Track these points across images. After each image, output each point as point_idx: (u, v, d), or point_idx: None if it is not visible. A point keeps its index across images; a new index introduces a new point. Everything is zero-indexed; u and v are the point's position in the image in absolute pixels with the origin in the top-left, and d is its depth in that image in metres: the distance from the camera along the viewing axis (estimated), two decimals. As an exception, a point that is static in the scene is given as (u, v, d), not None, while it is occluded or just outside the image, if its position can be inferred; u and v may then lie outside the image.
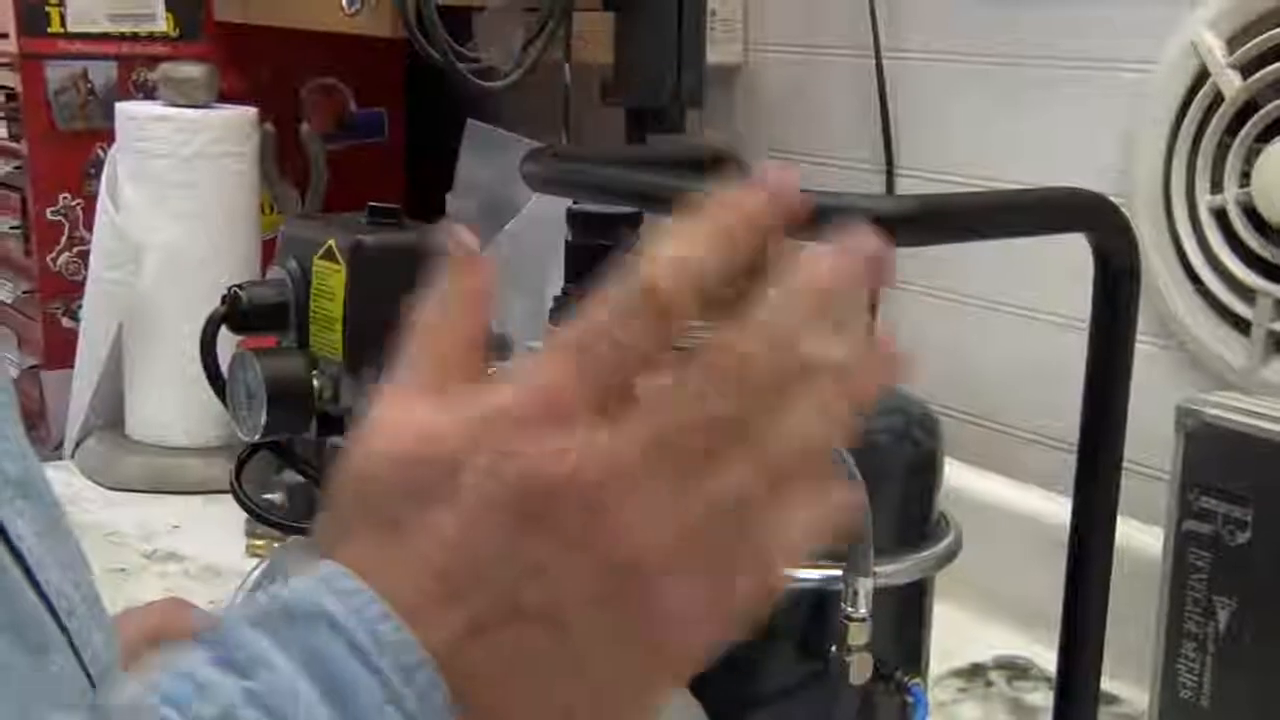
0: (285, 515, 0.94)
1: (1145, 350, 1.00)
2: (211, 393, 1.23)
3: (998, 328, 1.12)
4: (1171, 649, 0.82)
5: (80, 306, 1.35)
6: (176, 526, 1.17)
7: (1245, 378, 0.93)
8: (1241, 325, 0.94)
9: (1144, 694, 0.85)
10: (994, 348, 1.13)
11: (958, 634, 0.99)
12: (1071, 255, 0.66)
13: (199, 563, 1.10)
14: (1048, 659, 0.81)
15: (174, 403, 1.27)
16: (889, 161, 1.19)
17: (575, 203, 0.58)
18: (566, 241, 0.53)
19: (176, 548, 1.12)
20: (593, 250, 0.52)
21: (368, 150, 1.60)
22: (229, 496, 1.23)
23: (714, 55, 1.29)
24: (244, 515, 1.11)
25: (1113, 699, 0.91)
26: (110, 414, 1.31)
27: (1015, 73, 1.10)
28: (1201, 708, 0.81)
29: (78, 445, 1.31)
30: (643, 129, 1.20)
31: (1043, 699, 0.92)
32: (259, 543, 1.07)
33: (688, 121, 1.25)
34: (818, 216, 0.59)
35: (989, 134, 1.12)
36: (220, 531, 1.12)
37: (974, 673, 0.96)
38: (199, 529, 1.16)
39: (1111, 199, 0.65)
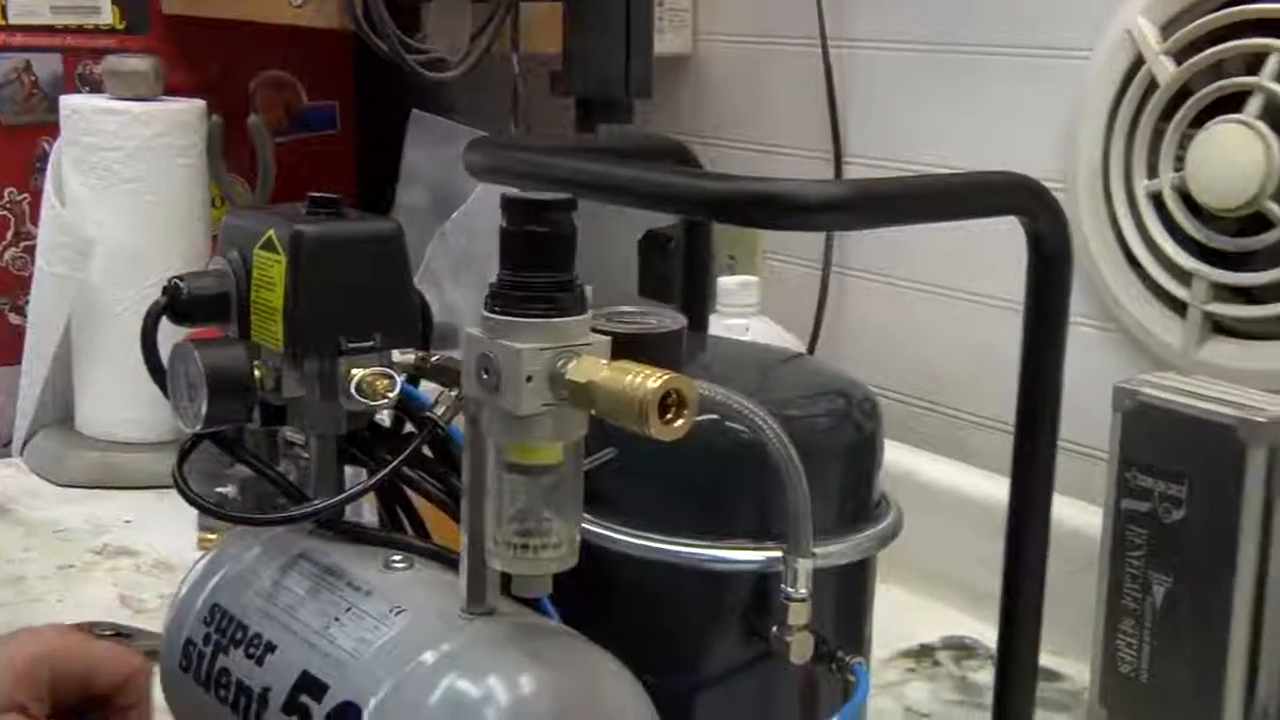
0: (236, 508, 0.95)
1: (1086, 333, 1.02)
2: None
3: (946, 313, 1.14)
4: (1111, 625, 0.84)
5: (28, 302, 1.34)
6: (128, 521, 1.16)
7: (1182, 358, 0.94)
8: (1178, 307, 0.95)
9: (1086, 670, 0.87)
10: (943, 333, 1.14)
11: (907, 616, 1.01)
12: (1018, 241, 0.67)
13: (150, 558, 1.10)
14: (994, 638, 0.82)
15: (124, 397, 1.26)
16: (836, 149, 1.20)
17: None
18: (501, 228, 0.53)
19: (128, 543, 1.12)
20: (526, 236, 0.53)
21: (318, 143, 1.60)
22: (180, 490, 1.23)
23: (663, 45, 1.30)
24: (191, 509, 1.11)
25: (1056, 675, 0.92)
26: (59, 410, 1.31)
27: (959, 61, 1.11)
28: (1140, 682, 0.83)
29: (26, 442, 1.31)
30: (592, 119, 1.20)
31: (988, 677, 0.93)
32: (211, 536, 1.07)
33: (637, 111, 1.25)
34: (757, 205, 0.60)
35: (934, 121, 1.13)
36: (172, 526, 1.12)
37: (922, 653, 0.97)
38: (150, 524, 1.16)
39: (1050, 184, 0.66)
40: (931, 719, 0.88)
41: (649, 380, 0.49)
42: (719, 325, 1.06)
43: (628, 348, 0.54)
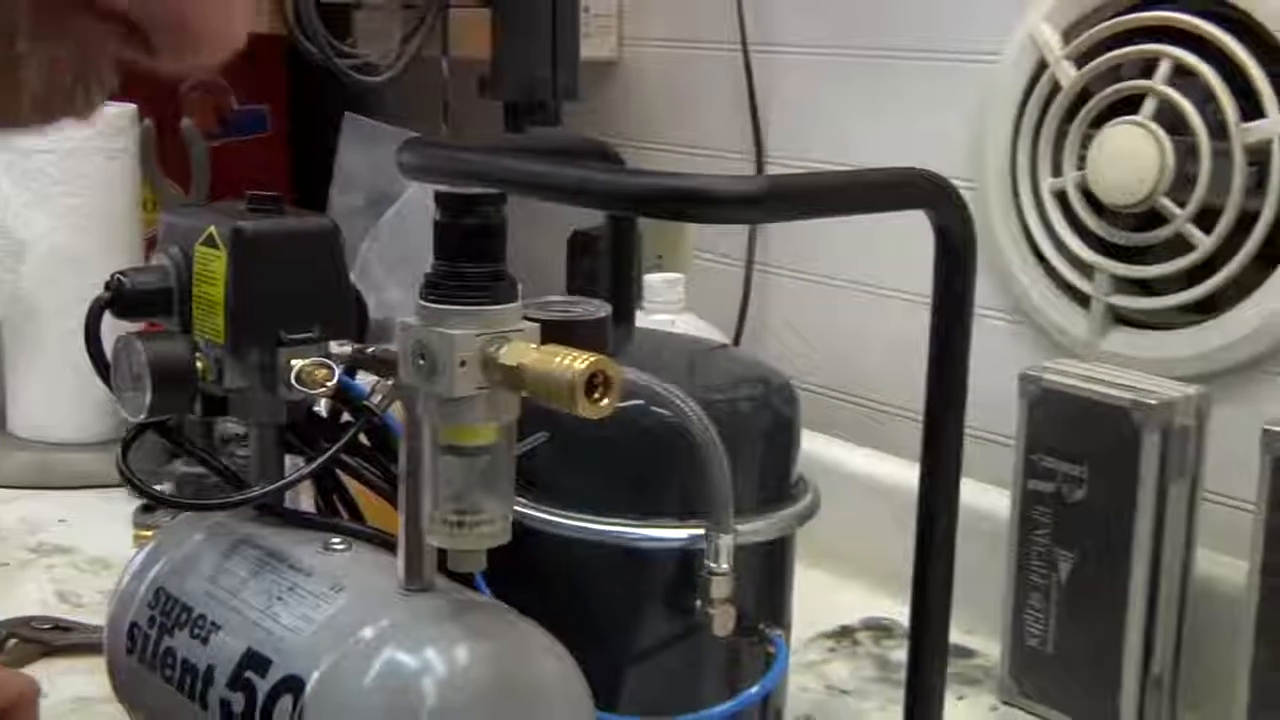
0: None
1: (997, 325, 1.07)
2: (96, 386, 1.24)
3: (863, 308, 1.18)
4: (1019, 601, 0.88)
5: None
6: (63, 520, 1.17)
7: (1087, 348, 0.99)
8: (1082, 299, 1.00)
9: (997, 647, 0.91)
10: (860, 328, 1.18)
11: (829, 599, 1.05)
12: (929, 237, 0.71)
13: (86, 555, 1.11)
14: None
15: (58, 398, 1.27)
16: (758, 150, 1.24)
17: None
18: (435, 221, 0.56)
19: (64, 541, 1.13)
20: (460, 229, 0.56)
21: (250, 146, 1.61)
22: (116, 490, 1.24)
23: (590, 50, 1.33)
24: (131, 508, 1.12)
25: (970, 653, 0.96)
26: (-8, 412, 1.31)
27: (874, 65, 1.15)
28: (1047, 654, 0.87)
29: (-41, 444, 1.31)
30: (520, 122, 1.23)
31: (905, 655, 0.98)
32: (146, 533, 1.08)
33: (564, 114, 1.28)
34: (677, 200, 0.64)
35: (851, 123, 1.17)
36: (108, 524, 1.13)
37: (843, 634, 1.01)
38: (86, 522, 1.17)
39: (960, 183, 0.70)
40: (851, 695, 0.92)
41: (576, 362, 0.52)
42: (647, 321, 1.09)
43: (556, 333, 0.57)
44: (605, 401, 0.53)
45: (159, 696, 0.67)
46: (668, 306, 1.11)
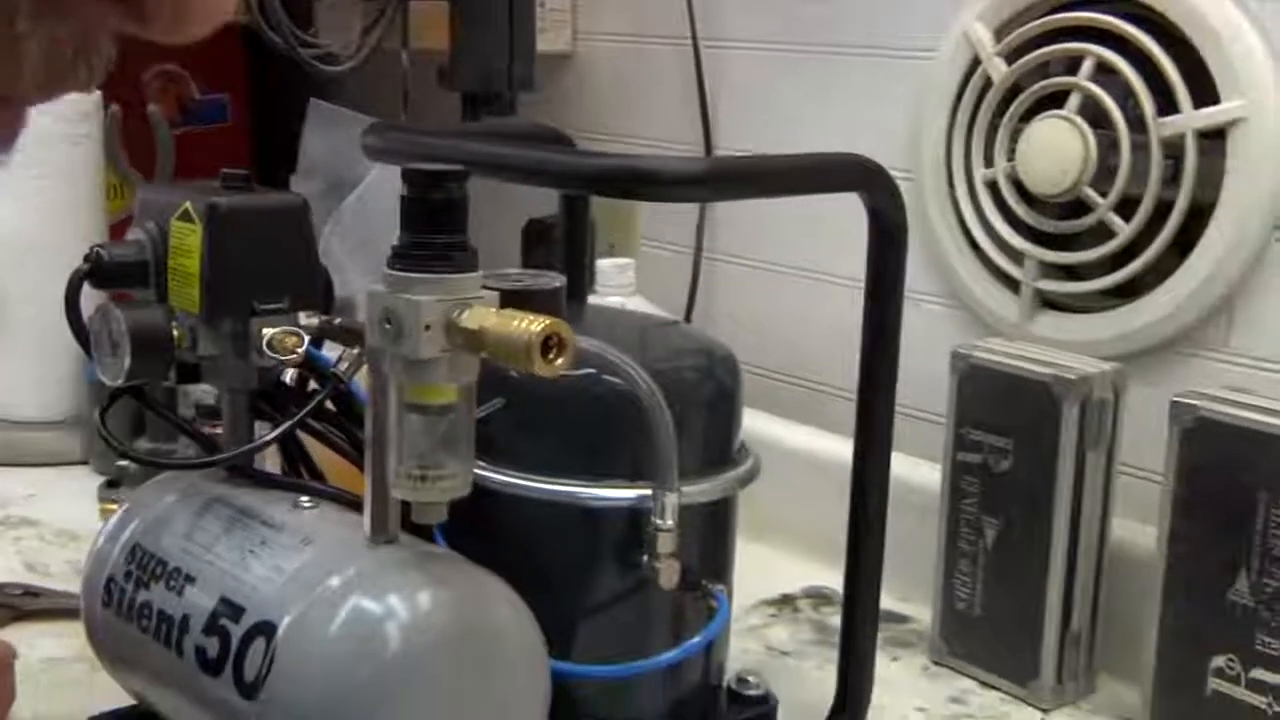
0: (138, 475, 1.00)
1: (935, 309, 1.12)
2: (61, 367, 1.27)
3: (806, 294, 1.23)
4: (949, 567, 0.94)
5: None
6: (31, 495, 1.21)
7: (1017, 330, 1.04)
8: (1012, 284, 1.05)
9: (929, 612, 0.96)
10: (803, 312, 1.23)
11: (772, 570, 1.10)
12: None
13: (54, 528, 1.14)
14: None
15: (24, 378, 1.30)
16: (707, 142, 1.29)
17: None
18: (402, 196, 0.61)
19: (30, 514, 1.16)
20: (425, 203, 0.60)
21: (212, 134, 1.64)
22: (81, 467, 1.28)
23: (546, 44, 1.37)
24: (95, 483, 1.16)
25: (904, 618, 1.02)
26: (-41, 391, 1.34)
27: (819, 60, 1.20)
28: (974, 616, 0.92)
29: (-75, 423, 1.33)
30: (477, 111, 1.27)
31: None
32: (112, 506, 1.11)
33: (519, 105, 1.32)
34: (624, 179, 0.68)
35: (797, 115, 1.22)
36: (74, 499, 1.16)
37: (784, 601, 1.06)
38: (53, 497, 1.20)
39: (899, 173, 0.75)
40: (790, 656, 0.97)
41: (533, 325, 0.57)
42: (599, 303, 1.14)
43: (514, 301, 0.62)
44: (560, 361, 0.57)
45: (135, 647, 0.71)
46: (619, 290, 1.15)
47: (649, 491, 0.71)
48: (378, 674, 0.62)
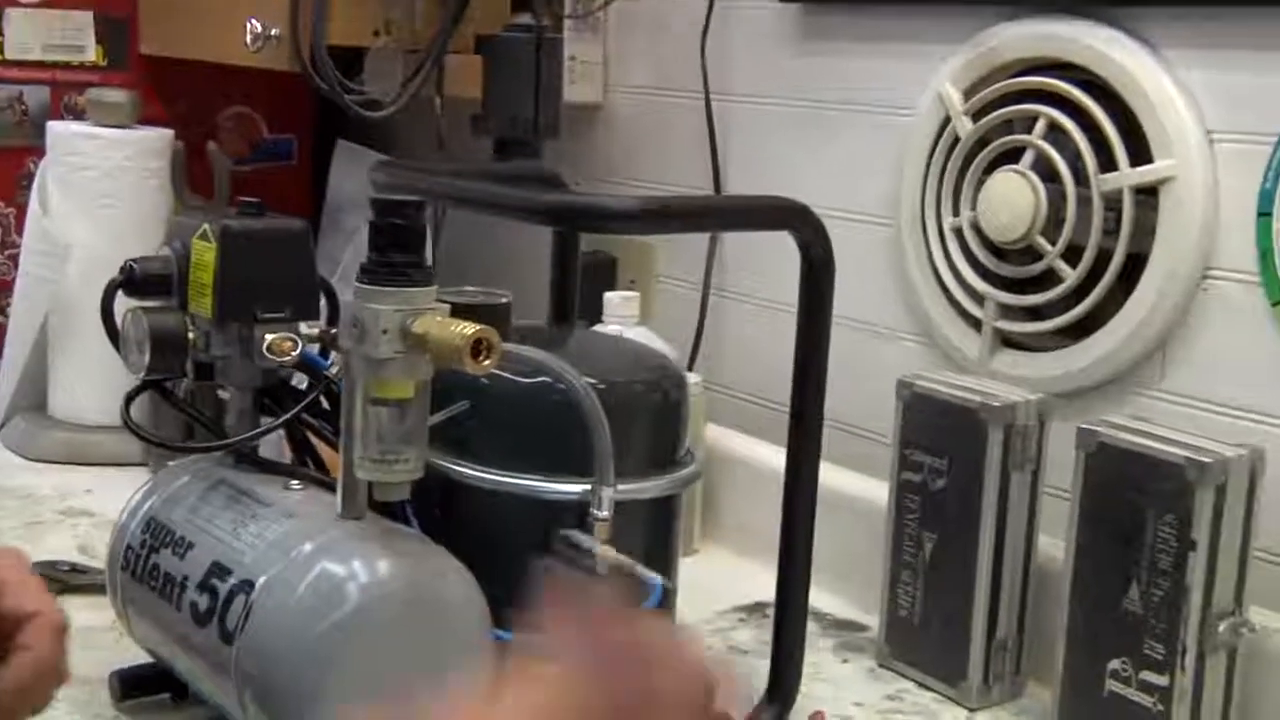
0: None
1: (910, 346, 1.21)
2: (125, 376, 1.41)
3: (773, 324, 1.32)
4: (893, 578, 1.02)
5: (10, 304, 1.52)
6: (89, 490, 1.34)
7: (979, 366, 1.13)
8: (976, 324, 1.14)
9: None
10: (773, 343, 1.32)
11: (751, 580, 1.18)
12: (858, 270, 0.84)
13: (108, 518, 1.25)
14: (817, 599, 0.99)
15: (91, 386, 1.44)
16: (717, 187, 1.39)
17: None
18: (369, 221, 0.72)
19: (88, 506, 1.30)
20: (388, 227, 0.71)
21: (279, 172, 1.78)
22: (141, 468, 1.40)
23: (578, 95, 1.49)
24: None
25: (860, 626, 1.10)
26: (35, 396, 1.48)
27: (815, 115, 1.30)
28: (914, 623, 1.01)
29: (4, 424, 1.48)
30: (506, 156, 1.39)
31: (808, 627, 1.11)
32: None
33: (555, 151, 1.44)
34: (572, 213, 0.79)
35: (796, 163, 1.32)
36: (128, 493, 1.29)
37: (755, 608, 1.14)
38: (109, 492, 1.32)
39: (882, 219, 0.82)
40: (750, 654, 1.06)
41: (465, 329, 0.68)
42: (604, 331, 1.25)
43: (463, 313, 0.72)
44: (488, 362, 0.68)
45: (146, 603, 0.82)
46: (622, 320, 1.26)
47: (589, 485, 0.81)
48: (337, 625, 0.72)
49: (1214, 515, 0.83)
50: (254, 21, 1.35)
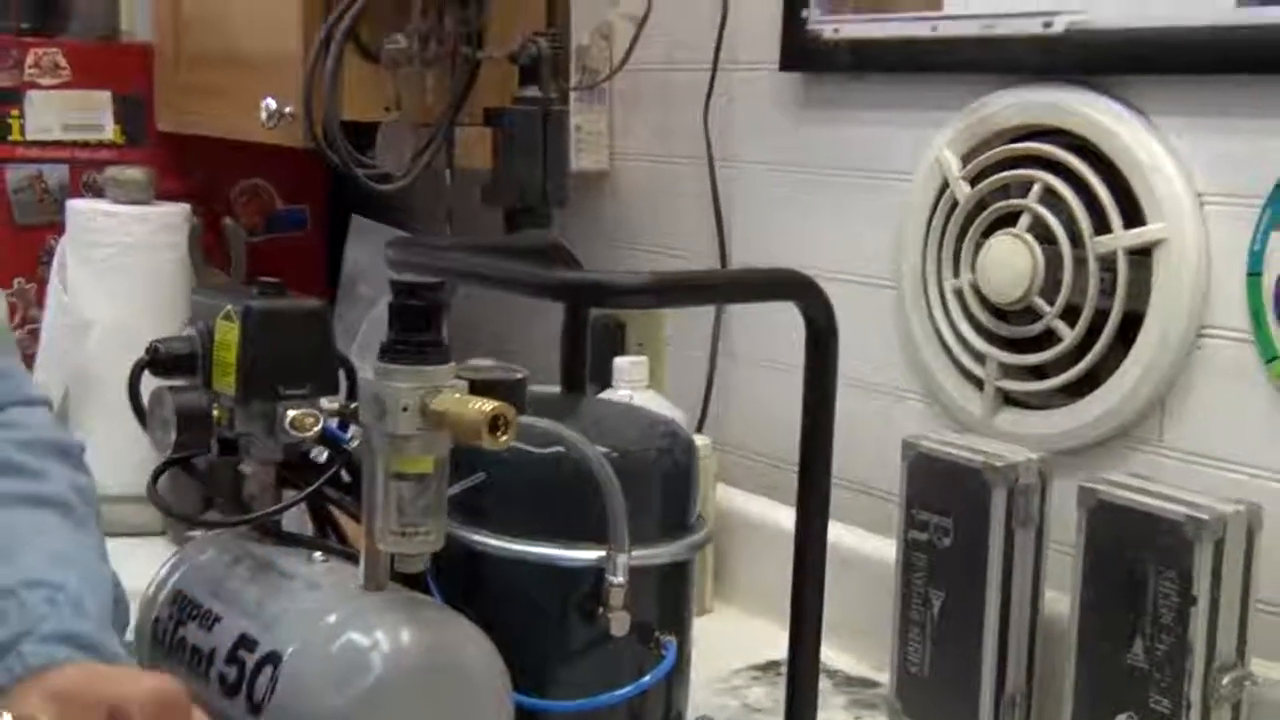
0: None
1: (914, 406, 1.24)
2: (145, 448, 1.44)
3: (780, 384, 1.35)
4: (903, 634, 1.04)
5: (32, 377, 1.55)
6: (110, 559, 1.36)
7: (982, 425, 1.15)
8: (978, 383, 1.17)
9: (890, 675, 1.06)
10: (780, 402, 1.35)
11: (766, 641, 1.20)
12: (859, 333, 0.87)
13: (128, 588, 1.29)
14: (829, 656, 1.01)
15: (111, 457, 1.46)
16: (722, 251, 1.42)
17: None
18: (389, 303, 0.75)
19: (110, 576, 1.31)
20: (407, 309, 0.74)
21: (292, 242, 1.82)
22: (158, 538, 1.43)
23: (584, 163, 1.53)
24: (169, 552, 1.31)
25: (873, 684, 1.12)
26: (56, 468, 1.51)
27: (817, 181, 1.33)
28: (924, 678, 1.03)
29: (26, 495, 1.50)
30: (516, 225, 1.42)
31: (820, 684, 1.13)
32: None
33: (565, 218, 1.48)
34: (582, 290, 0.82)
35: (799, 228, 1.35)
36: (148, 564, 1.31)
37: (768, 667, 1.16)
38: (129, 563, 1.32)
39: (885, 282, 0.83)
40: (763, 713, 1.08)
41: (484, 406, 0.70)
42: (613, 396, 1.28)
43: (481, 390, 0.75)
44: (505, 438, 0.71)
45: (175, 675, 0.84)
46: (631, 384, 1.29)
47: (604, 552, 0.83)
48: (362, 695, 0.74)
49: (1213, 570, 0.85)
50: (269, 100, 1.39)
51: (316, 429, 0.84)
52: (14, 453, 0.77)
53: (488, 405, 0.70)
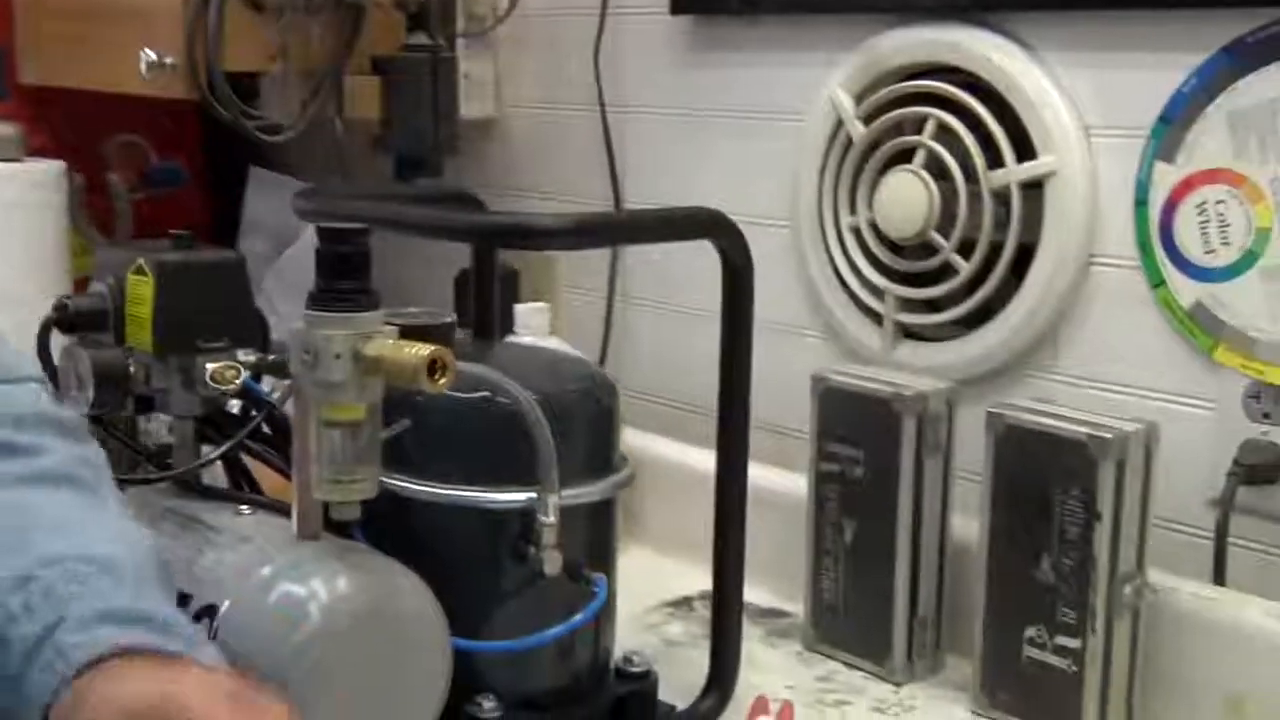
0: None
1: (813, 342, 1.26)
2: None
3: (707, 332, 1.36)
4: (816, 565, 1.07)
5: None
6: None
7: (882, 358, 1.18)
8: (877, 318, 1.20)
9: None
10: (705, 349, 1.37)
11: (678, 577, 1.22)
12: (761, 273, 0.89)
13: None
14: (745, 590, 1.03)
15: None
16: (615, 196, 1.43)
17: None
18: (316, 249, 0.74)
19: None
20: (335, 255, 0.73)
21: (169, 197, 1.77)
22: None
23: (471, 111, 1.52)
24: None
25: (784, 614, 1.15)
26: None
27: (709, 123, 1.35)
28: (838, 608, 1.06)
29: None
30: (407, 173, 1.41)
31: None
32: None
33: (454, 165, 1.47)
34: (506, 233, 0.82)
35: (692, 172, 1.36)
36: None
37: (681, 603, 1.19)
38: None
39: (780, 221, 0.86)
40: (681, 646, 1.10)
41: (420, 351, 0.70)
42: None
43: (411, 335, 0.75)
44: (443, 380, 0.71)
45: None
46: (535, 331, 1.29)
47: (534, 494, 0.84)
48: (301, 646, 0.74)
49: (1116, 487, 0.89)
50: (148, 51, 1.35)
51: (238, 382, 0.83)
52: (9, 432, 0.69)
53: (424, 349, 0.70)
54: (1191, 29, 0.99)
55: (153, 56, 1.34)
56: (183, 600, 0.78)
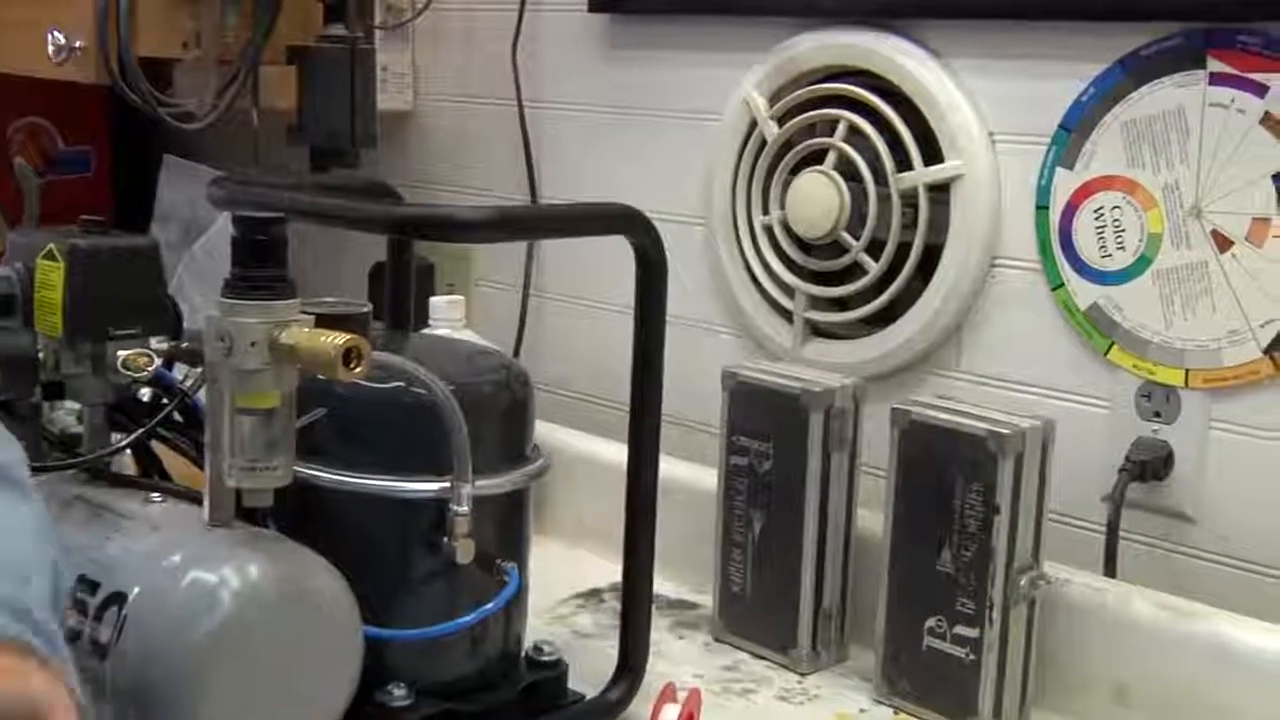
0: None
1: (724, 339, 1.28)
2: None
3: (619, 327, 1.38)
4: (725, 557, 1.09)
5: None
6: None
7: (792, 355, 1.21)
8: (788, 315, 1.22)
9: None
10: (617, 342, 1.38)
11: (588, 569, 1.23)
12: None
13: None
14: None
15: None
16: (532, 192, 1.44)
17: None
18: (232, 237, 0.74)
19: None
20: (251, 243, 0.74)
21: (75, 184, 1.74)
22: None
23: (389, 103, 1.52)
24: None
25: (693, 605, 1.17)
26: None
27: (625, 122, 1.36)
28: (746, 598, 1.08)
29: None
30: (323, 165, 1.40)
31: (643, 610, 1.17)
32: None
33: (365, 159, 1.46)
34: (427, 224, 0.82)
35: (607, 169, 1.38)
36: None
37: (592, 594, 1.20)
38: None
39: (696, 219, 0.87)
40: (591, 637, 1.11)
41: (336, 339, 0.71)
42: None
43: (328, 324, 0.75)
44: (359, 369, 0.71)
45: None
46: (449, 323, 1.29)
47: (448, 484, 0.85)
48: (212, 633, 0.74)
49: (1014, 482, 0.92)
50: (56, 33, 1.33)
51: (151, 369, 0.82)
52: None
53: (340, 338, 0.71)
54: (1091, 41, 1.03)
55: (61, 39, 1.32)
56: (90, 587, 0.78)
